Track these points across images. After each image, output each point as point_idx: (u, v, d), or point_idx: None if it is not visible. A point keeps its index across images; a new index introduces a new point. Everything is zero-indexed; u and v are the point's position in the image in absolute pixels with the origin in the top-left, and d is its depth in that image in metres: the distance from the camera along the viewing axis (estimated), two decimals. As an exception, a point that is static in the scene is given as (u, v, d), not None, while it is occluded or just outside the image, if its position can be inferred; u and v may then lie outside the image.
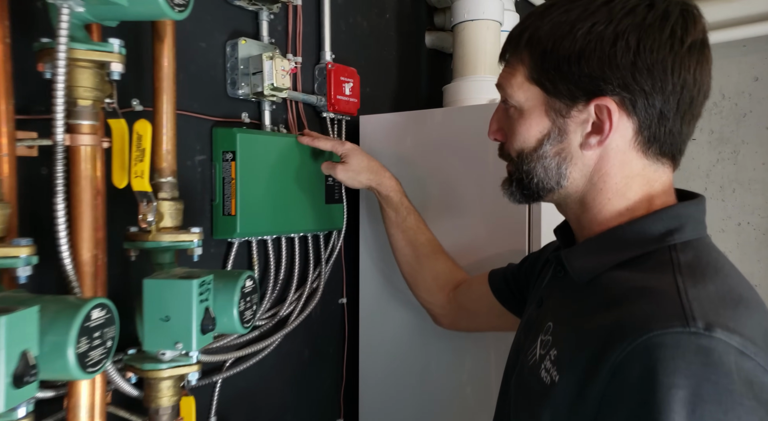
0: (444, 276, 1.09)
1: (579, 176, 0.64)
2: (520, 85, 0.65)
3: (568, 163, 0.64)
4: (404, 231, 1.11)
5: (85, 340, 0.57)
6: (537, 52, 0.63)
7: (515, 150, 0.67)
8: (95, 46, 0.64)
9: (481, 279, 1.02)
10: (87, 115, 0.66)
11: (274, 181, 1.08)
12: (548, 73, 0.62)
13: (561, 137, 0.63)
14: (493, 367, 1.13)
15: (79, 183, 0.66)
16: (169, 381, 0.76)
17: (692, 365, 0.48)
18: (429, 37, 1.62)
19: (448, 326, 1.12)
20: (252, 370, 1.13)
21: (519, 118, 0.66)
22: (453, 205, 1.18)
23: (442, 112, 1.22)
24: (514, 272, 0.96)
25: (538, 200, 0.69)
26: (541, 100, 0.64)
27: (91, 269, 0.68)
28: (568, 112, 0.62)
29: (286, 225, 1.12)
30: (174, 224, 0.76)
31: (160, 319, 0.68)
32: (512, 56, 0.67)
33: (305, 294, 1.21)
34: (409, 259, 1.12)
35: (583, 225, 0.68)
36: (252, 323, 0.78)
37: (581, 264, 0.64)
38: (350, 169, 1.10)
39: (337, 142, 1.11)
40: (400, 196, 1.11)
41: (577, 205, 0.67)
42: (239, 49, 1.05)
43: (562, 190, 0.65)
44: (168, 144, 0.76)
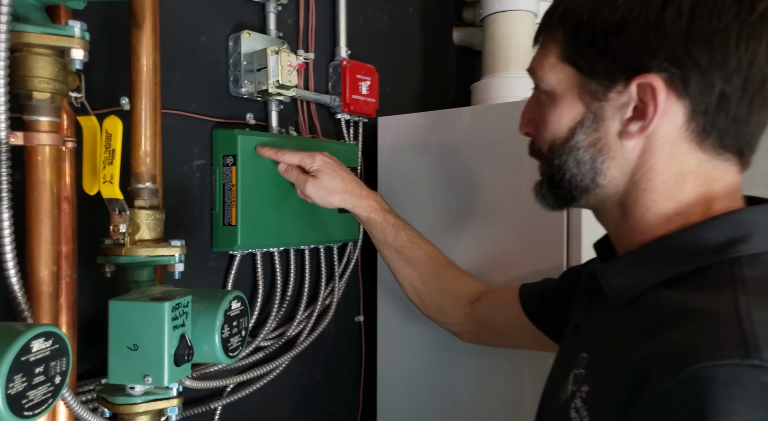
0: (454, 291, 0.96)
1: (618, 173, 0.54)
2: (552, 66, 0.56)
3: (604, 155, 0.54)
4: (398, 250, 0.97)
5: (20, 378, 0.47)
6: (571, 26, 0.54)
7: (546, 142, 0.58)
8: (52, 29, 0.55)
9: (508, 296, 0.88)
10: (45, 110, 0.57)
11: (280, 188, 0.98)
12: (583, 49, 0.53)
13: (596, 125, 0.54)
14: (528, 393, 0.99)
15: (35, 189, 0.57)
16: (145, 417, 0.66)
17: (755, 409, 0.38)
18: (457, 33, 1.50)
19: (471, 341, 0.99)
20: (256, 395, 1.03)
21: (551, 104, 0.57)
22: (482, 215, 1.05)
23: (470, 111, 1.10)
24: (552, 289, 0.82)
25: (572, 203, 0.59)
26: (574, 82, 0.55)
27: (50, 289, 0.58)
28: (605, 95, 0.53)
29: (293, 236, 1.02)
30: (153, 236, 0.67)
31: (127, 347, 0.58)
32: (545, 36, 0.58)
33: (316, 312, 1.10)
34: (412, 280, 0.98)
35: (623, 235, 0.57)
36: (240, 352, 0.67)
37: (618, 282, 0.54)
38: (321, 186, 0.93)
39: (305, 156, 0.93)
40: (383, 213, 0.96)
41: (617, 211, 0.57)
42: (242, 43, 0.95)
43: (599, 190, 0.56)
44: (147, 145, 0.66)
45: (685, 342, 0.43)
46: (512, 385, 1.01)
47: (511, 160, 1.00)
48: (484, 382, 1.04)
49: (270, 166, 0.97)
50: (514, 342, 0.93)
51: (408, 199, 1.12)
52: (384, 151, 1.19)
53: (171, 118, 0.89)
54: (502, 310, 0.89)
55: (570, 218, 0.93)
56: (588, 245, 0.92)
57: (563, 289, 0.79)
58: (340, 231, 1.11)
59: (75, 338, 0.67)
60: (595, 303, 0.61)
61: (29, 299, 0.58)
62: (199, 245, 0.94)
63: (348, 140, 1.16)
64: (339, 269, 1.15)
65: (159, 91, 0.72)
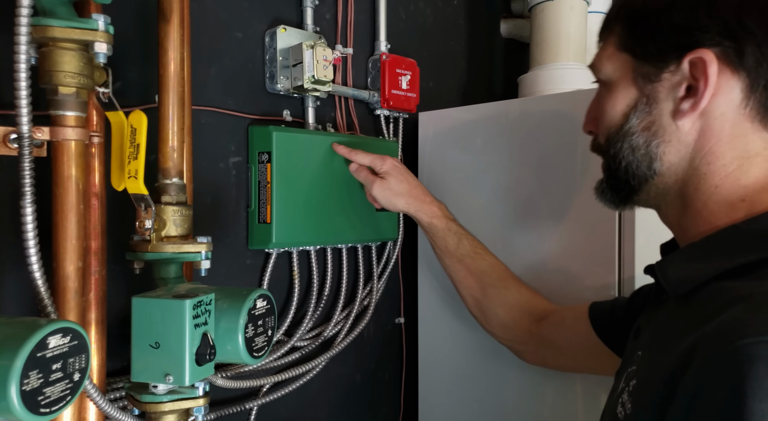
0: (519, 306, 0.91)
1: (676, 159, 0.52)
2: (609, 57, 0.56)
3: (660, 139, 0.52)
4: (460, 260, 0.94)
5: (35, 374, 0.46)
6: (627, 17, 0.55)
7: (604, 134, 0.57)
8: (76, 22, 0.55)
9: (577, 313, 0.83)
10: (71, 105, 0.57)
11: (315, 185, 0.96)
12: (637, 35, 0.54)
13: (650, 107, 0.53)
14: (581, 400, 0.93)
15: (60, 184, 0.57)
16: (172, 416, 0.65)
17: None
18: (504, 25, 1.44)
19: (534, 362, 0.93)
20: (293, 396, 1.01)
21: (608, 94, 0.57)
22: (530, 214, 0.99)
23: (517, 103, 1.04)
24: (624, 305, 0.76)
25: (632, 196, 0.57)
26: (629, 68, 0.54)
27: (75, 285, 0.58)
28: (657, 76, 0.52)
29: (329, 235, 0.99)
30: (179, 233, 0.66)
31: (149, 345, 0.57)
32: (606, 32, 0.58)
33: (354, 312, 1.08)
34: (474, 291, 0.94)
35: (686, 228, 0.54)
36: (265, 352, 0.65)
37: (677, 274, 0.51)
38: (388, 187, 0.94)
39: (376, 158, 0.96)
40: (446, 221, 0.95)
41: (678, 203, 0.54)
42: (278, 38, 0.94)
43: (658, 179, 0.53)
44: (174, 141, 0.66)
45: (731, 320, 0.41)
46: (564, 395, 0.95)
47: (561, 155, 0.94)
48: (533, 391, 0.98)
49: (306, 164, 0.95)
50: (580, 364, 0.86)
51: (449, 198, 1.08)
52: (425, 147, 1.15)
53: (207, 115, 0.89)
54: (570, 326, 0.83)
55: (622, 218, 0.87)
56: (641, 246, 0.85)
57: (636, 306, 0.74)
58: (378, 230, 1.08)
59: (104, 334, 0.67)
60: (658, 305, 0.58)
61: (55, 294, 0.58)
62: (236, 242, 0.93)
63: (387, 137, 1.13)
64: (377, 268, 1.12)
65: (188, 86, 0.71)
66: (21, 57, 0.49)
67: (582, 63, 1.18)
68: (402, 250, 1.16)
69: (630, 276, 0.85)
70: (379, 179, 0.95)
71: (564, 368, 0.91)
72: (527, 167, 0.99)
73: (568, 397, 0.94)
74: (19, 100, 0.50)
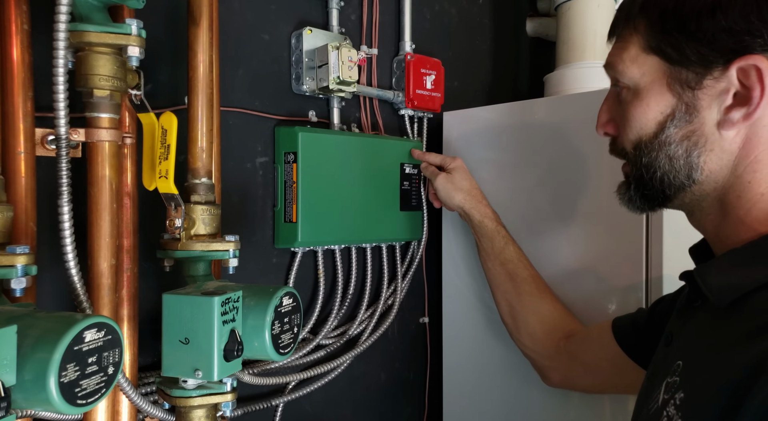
0: (551, 319, 0.91)
1: (717, 167, 0.50)
2: (634, 59, 0.53)
3: (701, 149, 0.50)
4: (503, 263, 0.95)
5: (72, 367, 0.48)
6: (655, 14, 0.51)
7: (631, 141, 0.55)
8: (110, 27, 0.57)
9: (601, 327, 0.83)
10: (105, 107, 0.59)
11: (340, 185, 0.97)
12: (671, 36, 0.50)
13: (690, 116, 0.50)
14: (608, 407, 0.92)
15: (95, 184, 0.59)
16: (201, 410, 0.66)
17: None
18: (530, 24, 1.43)
19: (558, 382, 0.92)
20: (318, 393, 1.02)
21: (634, 99, 0.54)
22: (556, 215, 0.98)
23: (543, 102, 1.03)
24: (645, 314, 0.76)
25: (665, 204, 0.55)
26: (661, 72, 0.51)
27: (109, 281, 0.60)
28: (699, 83, 0.49)
29: (354, 234, 1.00)
30: (208, 231, 0.67)
31: (179, 340, 0.59)
32: (624, 28, 0.55)
33: (378, 312, 1.08)
34: (510, 296, 0.94)
35: (725, 234, 0.52)
36: (291, 349, 0.66)
37: (720, 281, 0.49)
38: (451, 181, 1.01)
39: (447, 157, 1.05)
40: (496, 224, 0.98)
41: (716, 209, 0.52)
42: (304, 40, 0.95)
43: (696, 187, 0.52)
44: (203, 141, 0.67)
45: None
46: (591, 398, 0.94)
47: (588, 155, 0.93)
48: (559, 394, 0.97)
49: (331, 164, 0.96)
50: (605, 380, 0.85)
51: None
52: (449, 147, 1.15)
53: (234, 116, 0.91)
54: (595, 341, 0.83)
55: (650, 219, 0.85)
56: (669, 247, 0.84)
57: (658, 313, 0.73)
58: (403, 230, 1.09)
59: (136, 330, 0.69)
60: (690, 310, 0.56)
61: (89, 290, 0.60)
62: (262, 241, 0.95)
63: (412, 137, 1.13)
64: (402, 268, 1.12)
65: (217, 88, 0.73)
66: (59, 61, 0.51)
67: (609, 61, 1.16)
68: (426, 250, 1.16)
69: (658, 277, 0.84)
70: (444, 173, 1.02)
71: (588, 389, 0.90)
72: (552, 167, 0.98)
73: (596, 401, 0.93)
74: (57, 102, 0.52)
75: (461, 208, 0.99)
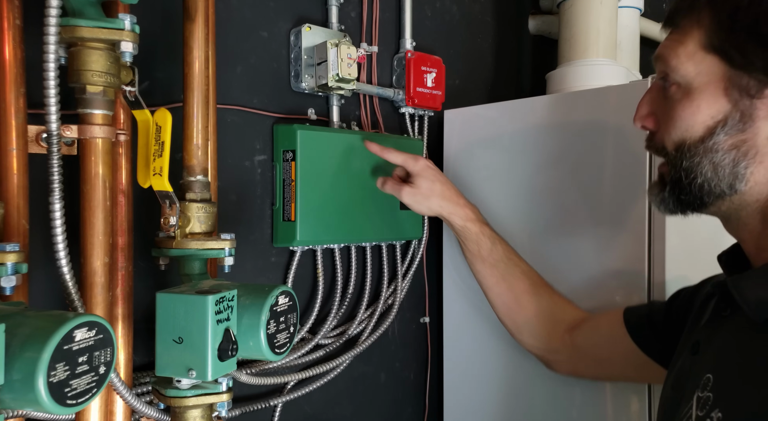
0: (552, 314, 0.88)
1: (764, 180, 0.49)
2: (691, 55, 0.50)
3: (750, 160, 0.49)
4: (493, 265, 0.91)
5: (62, 366, 0.47)
6: (725, 10, 0.48)
7: (673, 141, 0.52)
8: (103, 22, 0.56)
9: (611, 320, 0.80)
10: (98, 103, 0.58)
11: (339, 183, 0.96)
12: (738, 38, 0.47)
13: (744, 125, 0.48)
14: (610, 403, 0.90)
15: (88, 181, 0.58)
16: (196, 411, 0.65)
17: None
18: (533, 21, 1.42)
19: (566, 373, 0.90)
20: (318, 393, 1.01)
21: (683, 98, 0.51)
22: (558, 217, 0.97)
23: (545, 100, 1.01)
24: (662, 311, 0.74)
25: (700, 210, 0.53)
26: (720, 75, 0.49)
27: (102, 280, 0.59)
28: (760, 92, 0.47)
29: (353, 233, 0.99)
30: (203, 229, 0.66)
31: (172, 340, 0.58)
32: (685, 18, 0.52)
33: (378, 311, 1.07)
34: (505, 298, 0.91)
35: (763, 246, 0.51)
36: (287, 349, 0.66)
37: (758, 294, 0.48)
38: (419, 192, 0.90)
39: (409, 158, 0.91)
40: (479, 224, 0.92)
41: (756, 220, 0.51)
42: (303, 37, 0.94)
43: (736, 197, 0.50)
44: (199, 138, 0.66)
45: None
46: (593, 398, 0.92)
47: (590, 154, 0.92)
48: (561, 393, 0.96)
49: (330, 162, 0.95)
50: (615, 372, 0.84)
51: (475, 197, 1.06)
52: (450, 145, 1.14)
53: (232, 114, 0.90)
54: (604, 333, 0.81)
55: (652, 219, 0.84)
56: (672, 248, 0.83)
57: (675, 309, 0.71)
58: (403, 229, 1.08)
59: (131, 329, 0.69)
60: (718, 319, 0.54)
61: (82, 289, 0.59)
62: (261, 240, 0.94)
63: (412, 135, 1.12)
64: (402, 268, 1.11)
65: (213, 84, 0.72)
66: (50, 56, 0.50)
67: (612, 59, 1.15)
68: (427, 249, 1.15)
69: (660, 275, 0.83)
70: (407, 187, 0.90)
71: (598, 378, 0.88)
72: (554, 166, 0.97)
73: (597, 400, 0.92)
74: (47, 98, 0.51)
75: (439, 216, 0.93)
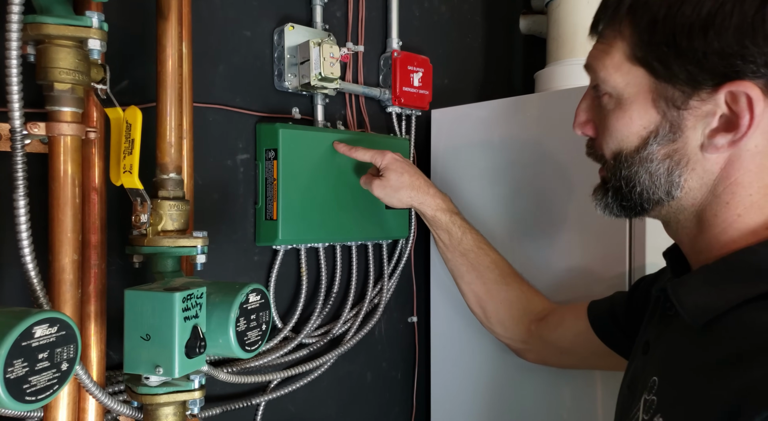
0: (520, 304, 0.90)
1: (697, 185, 0.50)
2: (618, 67, 0.51)
3: (682, 168, 0.49)
4: (463, 254, 0.92)
5: (20, 363, 0.47)
6: (644, 22, 0.49)
7: (611, 151, 0.54)
8: (70, 20, 0.56)
9: (576, 313, 0.82)
10: (66, 100, 0.58)
11: (323, 182, 0.96)
12: (659, 50, 0.48)
13: (674, 135, 0.49)
14: (600, 401, 0.89)
15: (56, 178, 0.59)
16: (168, 408, 0.65)
17: None
18: (524, 21, 1.41)
19: (534, 360, 0.92)
20: (301, 392, 1.01)
21: (616, 109, 0.52)
22: (544, 215, 0.96)
23: (534, 99, 1.01)
24: (623, 303, 0.75)
25: (642, 215, 0.54)
26: (647, 86, 0.50)
27: (71, 277, 0.59)
28: (685, 103, 0.48)
29: (337, 232, 0.99)
30: (176, 227, 0.66)
31: (140, 337, 0.58)
32: (607, 28, 0.53)
33: (363, 311, 1.07)
34: (474, 287, 0.93)
35: (699, 248, 0.52)
36: (259, 346, 0.65)
37: (695, 300, 0.49)
38: (388, 185, 0.91)
39: (376, 154, 0.93)
40: (450, 214, 0.93)
41: (692, 223, 0.51)
42: (286, 36, 0.94)
43: (674, 202, 0.51)
44: (172, 136, 0.66)
45: None
46: (581, 397, 0.92)
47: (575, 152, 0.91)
48: (549, 392, 0.96)
49: (313, 161, 0.95)
50: (581, 362, 0.86)
51: (462, 196, 1.06)
52: (438, 144, 1.13)
53: (214, 113, 0.90)
54: (570, 327, 0.82)
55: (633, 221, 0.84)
56: (652, 246, 0.82)
57: (635, 302, 0.72)
58: (388, 228, 1.07)
59: (104, 326, 0.69)
60: (665, 319, 0.55)
61: (50, 286, 0.59)
62: (243, 239, 0.94)
63: (399, 134, 1.12)
64: (389, 267, 1.11)
65: (189, 83, 0.72)
66: (12, 53, 0.50)
67: (600, 57, 1.14)
68: (415, 249, 1.15)
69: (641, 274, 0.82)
70: (377, 179, 0.92)
71: (565, 366, 0.90)
72: (541, 164, 0.97)
73: (586, 398, 0.91)
74: (10, 95, 0.51)
75: (410, 207, 0.95)
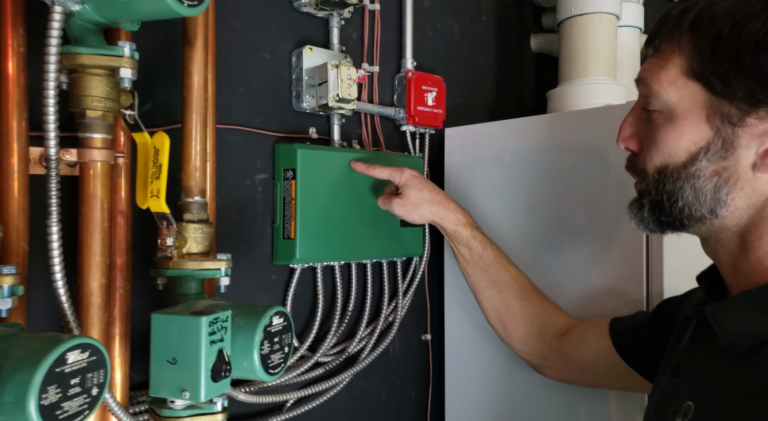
0: (540, 320, 0.90)
1: (744, 205, 0.49)
2: (673, 81, 0.50)
3: (731, 186, 0.49)
4: (483, 269, 0.93)
5: (54, 389, 0.48)
6: (706, 37, 0.48)
7: (655, 165, 0.52)
8: (103, 50, 0.58)
9: (597, 330, 0.81)
10: (98, 127, 0.60)
11: (339, 201, 0.97)
12: (719, 66, 0.47)
13: (725, 152, 0.48)
14: None
15: (86, 203, 0.60)
16: (191, 430, 0.66)
17: None
18: (535, 40, 1.43)
19: (554, 377, 0.91)
20: (317, 412, 1.01)
21: (666, 123, 0.51)
22: (559, 233, 0.97)
23: (546, 119, 1.02)
24: (647, 323, 0.74)
25: (679, 231, 0.53)
26: (702, 102, 0.49)
27: (99, 300, 0.60)
28: (741, 120, 0.47)
29: (353, 251, 1.00)
30: (200, 250, 0.67)
31: (166, 360, 0.59)
32: (665, 42, 0.52)
33: (379, 329, 1.07)
34: (495, 302, 0.93)
35: (740, 270, 0.51)
36: (282, 369, 0.66)
37: (736, 326, 0.48)
38: (408, 202, 0.91)
39: (395, 171, 0.93)
40: (471, 229, 0.93)
41: (734, 243, 0.51)
42: (304, 58, 0.96)
43: (717, 221, 0.50)
44: (197, 160, 0.67)
45: None
46: (597, 416, 0.92)
47: (589, 172, 0.92)
48: (565, 411, 0.96)
49: (330, 180, 0.96)
50: (601, 380, 0.85)
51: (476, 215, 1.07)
52: (452, 163, 1.14)
53: (234, 134, 0.91)
54: (591, 344, 0.82)
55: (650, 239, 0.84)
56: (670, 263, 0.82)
57: (658, 322, 0.72)
58: (403, 246, 1.08)
59: (128, 348, 0.69)
60: (698, 343, 0.54)
61: (79, 309, 0.60)
62: (261, 258, 0.95)
63: (414, 153, 1.13)
64: (403, 285, 1.11)
65: (212, 107, 0.73)
66: (50, 84, 0.52)
67: (612, 78, 1.15)
68: (428, 266, 1.16)
69: (659, 292, 0.83)
70: (396, 198, 0.93)
71: (585, 384, 0.89)
72: (554, 183, 0.97)
73: (601, 417, 0.91)
74: (47, 124, 0.52)
75: (431, 222, 0.95)
